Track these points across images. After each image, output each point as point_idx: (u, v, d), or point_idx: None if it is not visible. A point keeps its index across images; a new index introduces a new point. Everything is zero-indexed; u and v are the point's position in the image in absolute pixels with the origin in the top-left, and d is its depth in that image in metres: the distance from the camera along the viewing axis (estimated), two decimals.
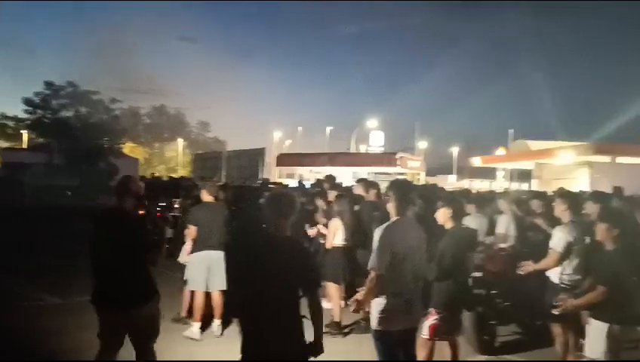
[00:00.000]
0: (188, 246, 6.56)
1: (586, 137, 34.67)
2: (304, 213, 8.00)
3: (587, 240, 5.11)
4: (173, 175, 33.70)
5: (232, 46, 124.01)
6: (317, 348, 3.24)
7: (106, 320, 4.06)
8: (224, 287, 6.36)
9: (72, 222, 12.56)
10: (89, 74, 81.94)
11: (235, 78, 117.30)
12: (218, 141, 67.36)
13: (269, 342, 3.10)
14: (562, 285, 5.28)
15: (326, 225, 7.06)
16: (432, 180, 42.49)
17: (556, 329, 5.30)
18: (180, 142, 60.17)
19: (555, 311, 5.21)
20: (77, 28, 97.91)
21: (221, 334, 6.32)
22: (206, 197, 6.62)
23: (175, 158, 60.33)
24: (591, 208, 5.72)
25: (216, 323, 6.35)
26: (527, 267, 5.73)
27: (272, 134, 59.45)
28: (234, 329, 6.43)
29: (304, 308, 3.25)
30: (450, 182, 45.92)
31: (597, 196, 6.18)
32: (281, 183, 16.46)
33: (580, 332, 5.49)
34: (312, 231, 7.31)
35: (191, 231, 6.47)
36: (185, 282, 6.53)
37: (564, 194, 6.09)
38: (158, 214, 10.78)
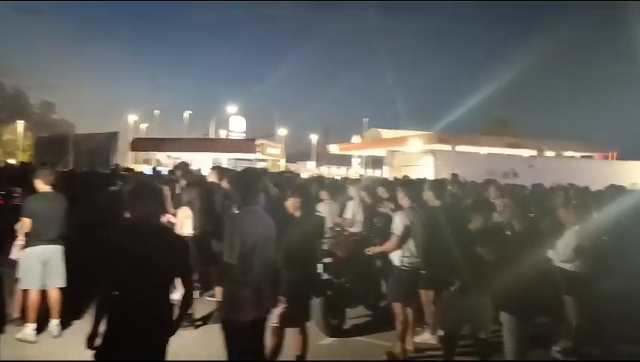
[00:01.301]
0: (20, 240, 5.94)
1: (431, 127, 37.51)
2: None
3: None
4: (12, 160, 30.42)
5: (84, 21, 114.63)
6: (173, 328, 3.36)
7: None
8: (63, 284, 5.88)
9: None
10: None
11: (87, 56, 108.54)
12: (66, 123, 62.05)
13: (139, 329, 3.13)
14: (403, 267, 5.65)
15: (175, 214, 6.83)
16: (292, 167, 43.30)
17: (397, 308, 5.66)
18: (21, 123, 54.12)
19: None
20: None
21: (59, 335, 5.83)
22: (41, 186, 6.02)
23: (14, 142, 54.14)
24: (428, 195, 6.21)
25: (54, 323, 5.84)
26: (372, 249, 6.09)
27: (126, 117, 56.19)
28: (73, 329, 6.01)
29: None
30: (310, 168, 47.18)
31: (433, 184, 6.69)
32: (132, 170, 15.56)
33: (420, 312, 6.01)
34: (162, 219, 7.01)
35: (24, 224, 5.86)
36: (16, 280, 5.91)
37: (403, 182, 6.54)
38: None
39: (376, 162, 43.44)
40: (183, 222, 6.54)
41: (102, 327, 3.22)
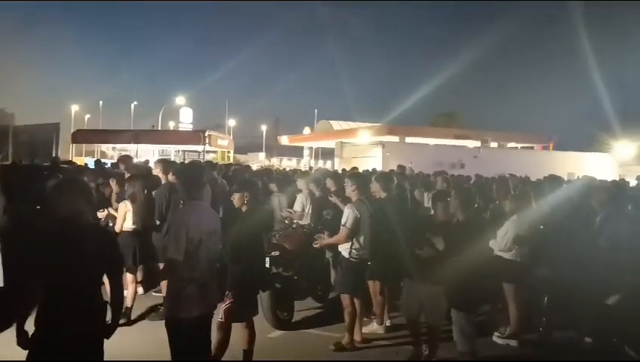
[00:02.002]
0: None
1: (381, 119, 38.03)
2: (100, 195, 7.44)
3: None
4: None
5: (21, 6, 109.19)
6: (110, 329, 3.32)
7: None
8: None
9: None
10: None
11: (25, 43, 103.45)
12: (4, 113, 59.17)
13: (70, 326, 3.07)
14: (351, 259, 5.71)
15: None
16: (242, 158, 42.94)
17: (345, 300, 5.72)
18: None
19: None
20: None
21: None
22: None
23: None
24: (375, 187, 6.30)
25: None
26: (321, 241, 6.13)
27: (68, 108, 54.15)
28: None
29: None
30: (260, 160, 46.92)
31: (380, 176, 6.80)
32: (73, 162, 15.02)
33: (368, 303, 6.10)
34: (101, 214, 6.81)
35: None
36: None
37: (352, 175, 6.60)
38: None
39: (326, 154, 43.67)
40: (124, 216, 6.39)
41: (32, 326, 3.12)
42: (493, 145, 32.40)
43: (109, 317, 3.34)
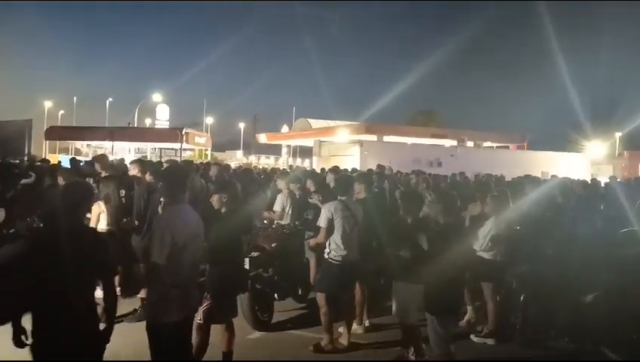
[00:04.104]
0: None
1: (359, 117, 38.13)
2: None
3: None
4: None
5: None
6: (106, 335, 3.33)
7: None
8: None
9: None
10: None
11: None
12: None
13: (64, 330, 3.11)
14: (330, 260, 5.68)
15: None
16: (220, 156, 42.60)
17: (320, 299, 5.68)
18: None
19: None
20: None
21: None
22: None
23: None
24: (358, 188, 6.34)
25: None
26: (310, 241, 6.17)
27: (41, 104, 53.02)
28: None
29: None
30: (238, 158, 46.64)
31: (361, 176, 6.83)
32: (47, 160, 14.70)
33: (346, 304, 6.08)
34: None
35: None
36: None
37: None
38: None
39: (304, 152, 43.63)
40: (97, 217, 6.28)
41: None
42: (470, 144, 32.75)
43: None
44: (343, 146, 28.15)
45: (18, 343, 3.22)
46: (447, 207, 4.93)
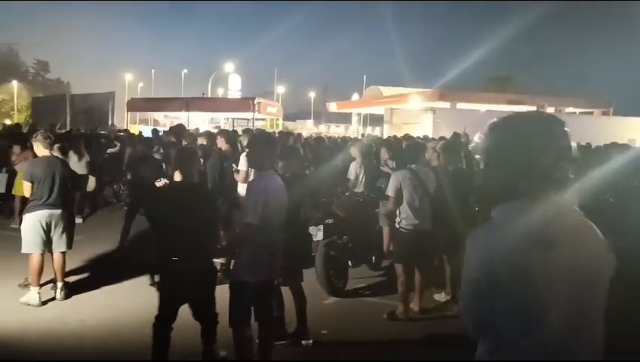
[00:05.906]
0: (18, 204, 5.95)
1: (432, 84, 37.09)
2: (156, 165, 7.61)
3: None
4: (7, 121, 30.17)
5: None
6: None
7: None
8: (65, 249, 5.91)
9: None
10: None
11: (78, 12, 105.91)
12: (61, 83, 61.34)
13: (193, 260, 3.91)
14: (401, 229, 5.61)
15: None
16: (290, 125, 43.00)
17: (397, 269, 5.67)
18: (15, 83, 53.14)
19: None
20: None
21: (65, 298, 5.88)
22: (41, 150, 5.98)
23: (9, 102, 53.32)
24: (430, 154, 6.21)
25: (59, 286, 5.90)
26: (381, 210, 6.13)
27: (122, 76, 55.45)
28: (79, 292, 6.08)
29: None
30: (309, 128, 46.89)
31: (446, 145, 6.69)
32: (128, 130, 15.43)
33: (425, 274, 5.97)
34: (159, 184, 6.96)
35: (25, 189, 5.86)
36: None
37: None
38: None
39: (375, 120, 43.13)
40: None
41: None
42: (550, 110, 31.11)
43: None
44: (415, 114, 27.59)
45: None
46: None
